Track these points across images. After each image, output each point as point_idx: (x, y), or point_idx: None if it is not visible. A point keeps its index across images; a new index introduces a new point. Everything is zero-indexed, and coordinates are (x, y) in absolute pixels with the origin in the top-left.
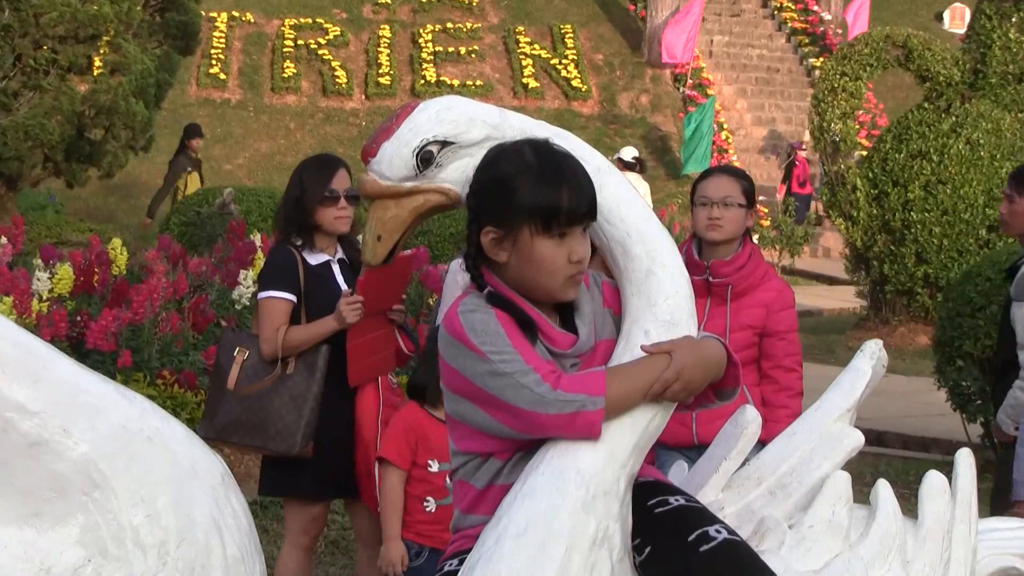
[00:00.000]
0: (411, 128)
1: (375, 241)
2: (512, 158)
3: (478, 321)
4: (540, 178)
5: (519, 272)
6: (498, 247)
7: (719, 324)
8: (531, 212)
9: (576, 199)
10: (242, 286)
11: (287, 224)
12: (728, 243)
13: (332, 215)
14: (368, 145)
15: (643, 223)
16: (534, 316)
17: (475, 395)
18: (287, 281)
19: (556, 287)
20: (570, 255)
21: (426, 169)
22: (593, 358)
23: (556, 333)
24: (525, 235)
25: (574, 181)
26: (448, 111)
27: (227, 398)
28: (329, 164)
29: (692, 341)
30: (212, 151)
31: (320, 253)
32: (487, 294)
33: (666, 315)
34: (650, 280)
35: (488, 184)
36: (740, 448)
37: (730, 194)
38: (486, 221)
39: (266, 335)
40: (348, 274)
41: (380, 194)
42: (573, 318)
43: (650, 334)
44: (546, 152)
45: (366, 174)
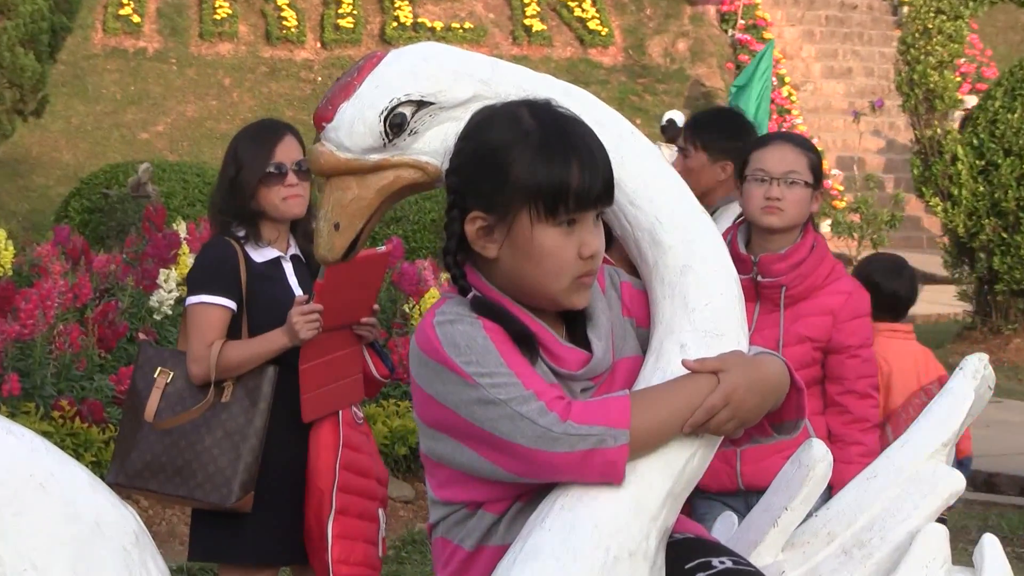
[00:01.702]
0: (377, 84)
1: (331, 231)
2: (505, 123)
3: (461, 334)
4: (542, 149)
5: (514, 271)
6: (487, 238)
7: (770, 336)
8: (531, 193)
9: (589, 177)
10: (163, 290)
11: (223, 210)
12: (786, 232)
13: (279, 195)
14: (322, 107)
15: (678, 205)
16: (533, 327)
17: (459, 429)
18: (224, 283)
19: (561, 290)
20: (580, 249)
21: (397, 137)
22: (612, 381)
23: (562, 349)
24: (523, 223)
25: (586, 153)
26: (425, 62)
27: (144, 434)
28: (271, 130)
29: (744, 358)
30: (123, 115)
31: (267, 247)
32: (471, 299)
33: (708, 323)
34: (687, 278)
35: (475, 156)
36: (805, 495)
37: (794, 168)
38: (473, 205)
39: (195, 352)
40: (304, 274)
41: (338, 170)
42: (584, 330)
43: (688, 348)
44: (549, 116)
45: (320, 145)
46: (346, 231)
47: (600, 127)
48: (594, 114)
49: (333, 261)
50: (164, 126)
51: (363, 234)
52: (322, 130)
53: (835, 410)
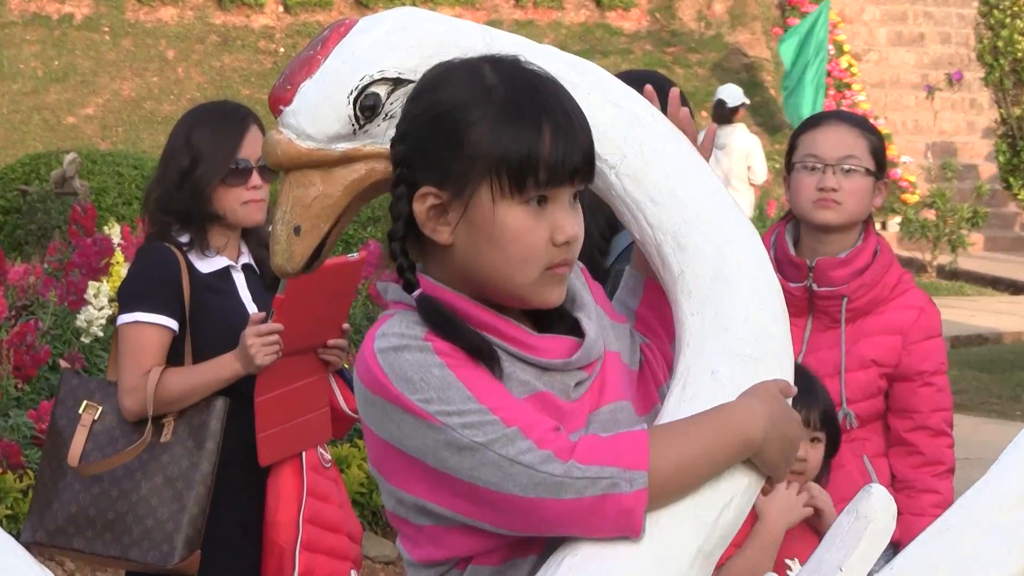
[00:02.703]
0: (346, 59)
1: (290, 236)
2: (463, 80)
3: (411, 365)
4: (507, 109)
5: (472, 259)
6: (439, 219)
7: (828, 359)
8: (493, 162)
9: (564, 145)
10: (92, 307)
11: (165, 209)
12: (844, 230)
13: (238, 198)
14: (279, 87)
15: (709, 201)
16: (494, 321)
17: (429, 481)
18: (164, 298)
19: (530, 283)
20: (554, 233)
21: (369, 122)
22: (603, 380)
23: (539, 339)
24: (483, 199)
25: (561, 116)
26: (404, 32)
27: (67, 482)
28: (235, 117)
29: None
30: (45, 96)
31: (216, 255)
32: (418, 303)
33: (745, 345)
34: (719, 290)
35: (425, 119)
36: (863, 552)
37: (853, 153)
38: (423, 179)
39: (129, 382)
40: (259, 288)
41: (298, 162)
42: (558, 321)
43: (720, 374)
44: (517, 72)
45: (277, 132)
46: (309, 236)
47: (615, 109)
48: (608, 93)
49: (293, 272)
50: (94, 108)
51: (329, 239)
52: (279, 114)
53: (902, 450)
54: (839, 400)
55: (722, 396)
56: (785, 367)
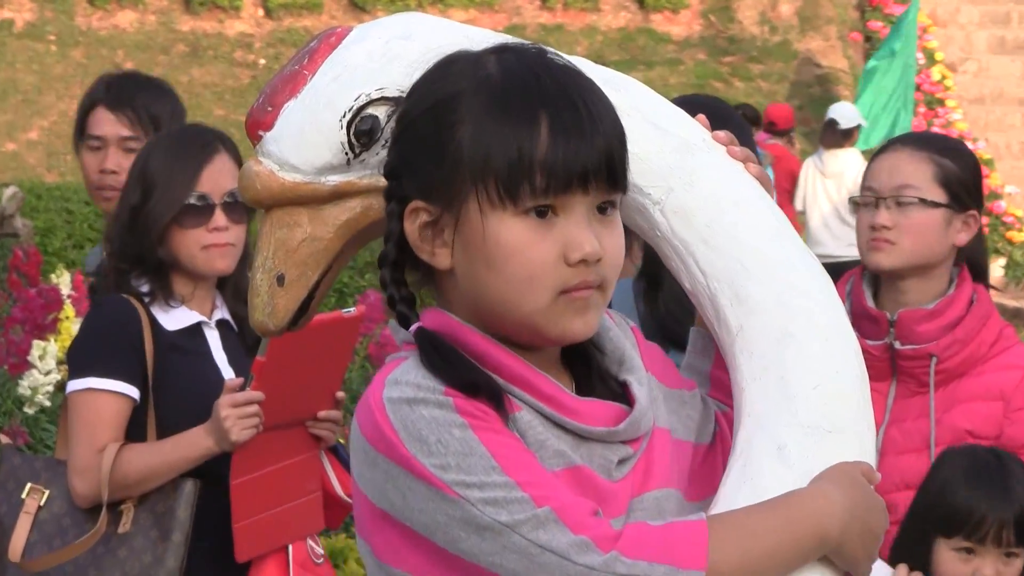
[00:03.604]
0: (337, 74)
1: (272, 287)
2: (460, 71)
3: (427, 422)
4: (497, 100)
5: (473, 287)
6: (434, 239)
7: (915, 430)
8: (476, 164)
9: (567, 141)
10: (37, 371)
11: (121, 254)
12: (925, 276)
13: (197, 241)
14: (258, 108)
15: (772, 243)
16: (521, 370)
17: (434, 563)
18: (122, 361)
19: (540, 309)
20: (566, 249)
21: (366, 150)
22: (649, 459)
23: (578, 401)
24: (471, 212)
25: (564, 107)
26: (405, 41)
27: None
28: (196, 141)
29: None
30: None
31: (184, 309)
32: (418, 339)
33: (817, 415)
34: (787, 351)
35: (413, 118)
36: None
37: (908, 182)
38: (412, 190)
39: (81, 461)
40: (236, 347)
41: (282, 199)
42: (601, 378)
43: (787, 450)
44: (525, 61)
45: (255, 162)
46: (294, 286)
47: (660, 133)
48: (651, 113)
49: (276, 330)
50: (39, 132)
51: (319, 290)
52: (258, 141)
53: None
54: None
55: (789, 477)
56: (866, 442)
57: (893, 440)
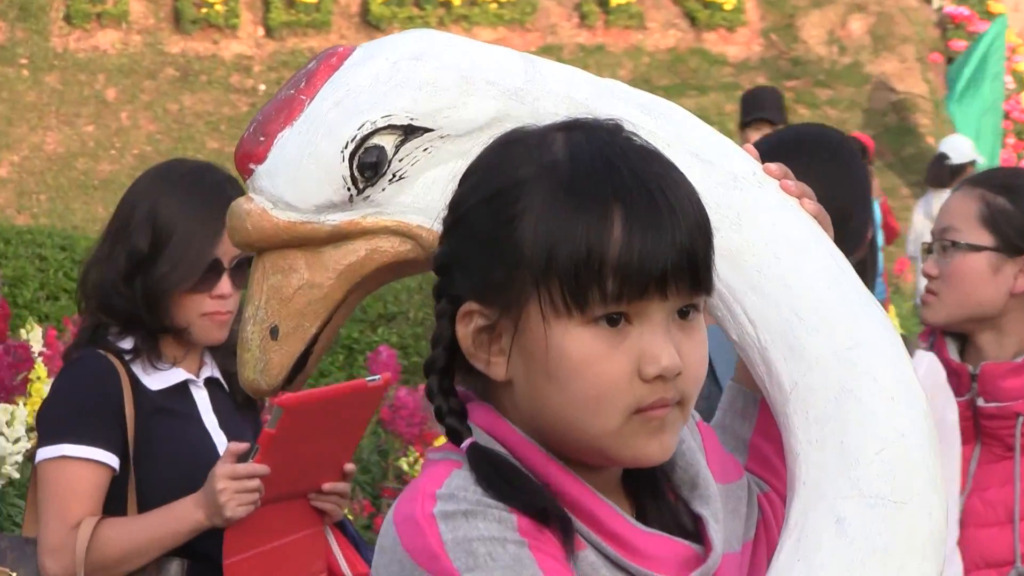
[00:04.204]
0: (339, 99)
1: (265, 340)
2: (526, 152)
3: (480, 535)
4: (565, 191)
5: (532, 402)
6: (490, 346)
7: (998, 500)
8: (539, 265)
9: (643, 239)
10: (4, 437)
11: (106, 308)
12: (995, 329)
13: (199, 308)
14: (249, 138)
15: (831, 291)
16: (582, 498)
17: None
18: (100, 426)
19: (609, 432)
20: (642, 362)
21: (371, 186)
22: None
23: (641, 536)
24: (532, 319)
25: (642, 199)
26: (416, 62)
27: None
28: (216, 195)
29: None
30: None
31: (170, 367)
32: (472, 459)
33: (881, 485)
34: (847, 411)
35: (469, 207)
36: None
37: (951, 223)
38: (465, 290)
39: (53, 539)
40: (227, 410)
41: (275, 240)
42: (667, 497)
43: (848, 523)
44: (597, 144)
45: (247, 199)
46: (290, 340)
47: (704, 166)
48: (695, 144)
49: (269, 390)
50: (8, 168)
51: (319, 345)
52: (249, 175)
53: None
54: (1012, 556)
55: (849, 553)
56: (936, 514)
57: (974, 511)
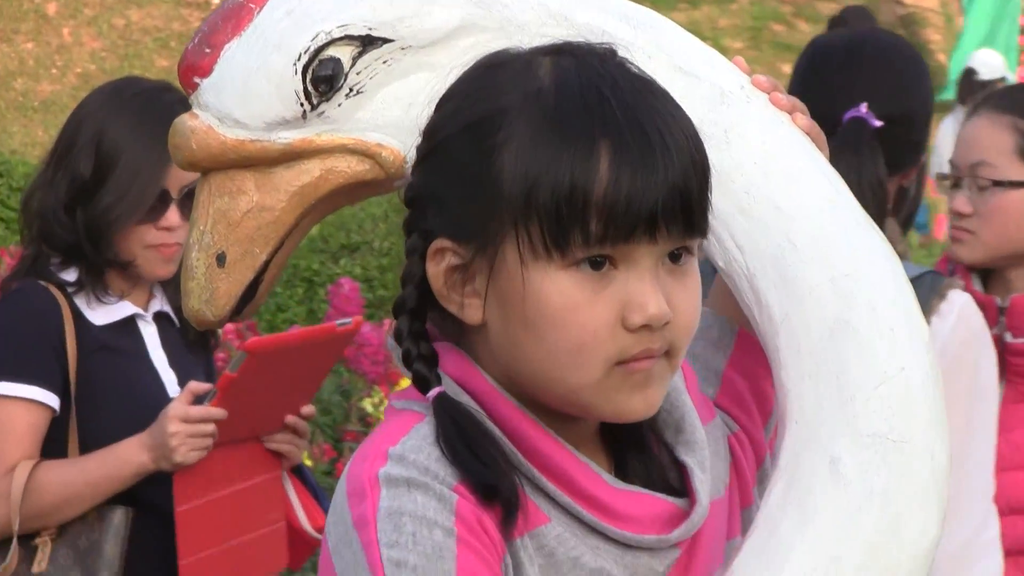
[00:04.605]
0: (291, 8)
1: (212, 267)
2: (510, 78)
3: (412, 511)
4: (549, 123)
5: (508, 351)
6: (463, 287)
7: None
8: (518, 204)
9: (632, 177)
10: None
11: (47, 236)
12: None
13: (143, 239)
14: (194, 50)
15: (827, 214)
16: (555, 455)
17: None
18: (38, 362)
19: (589, 384)
20: (626, 310)
21: (326, 101)
22: (699, 541)
23: (620, 495)
24: (509, 261)
25: (633, 132)
26: None
27: None
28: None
29: None
30: None
31: (116, 300)
32: (437, 413)
33: (879, 422)
34: (843, 345)
35: (445, 136)
36: None
37: (985, 158)
38: (437, 225)
39: None
40: (177, 347)
41: (223, 159)
42: (648, 452)
43: (843, 464)
44: (585, 70)
45: (191, 116)
46: (238, 268)
47: (689, 80)
48: (678, 56)
49: (216, 320)
50: None
51: (269, 273)
52: (194, 89)
53: None
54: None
55: (845, 498)
56: (939, 455)
57: (999, 454)
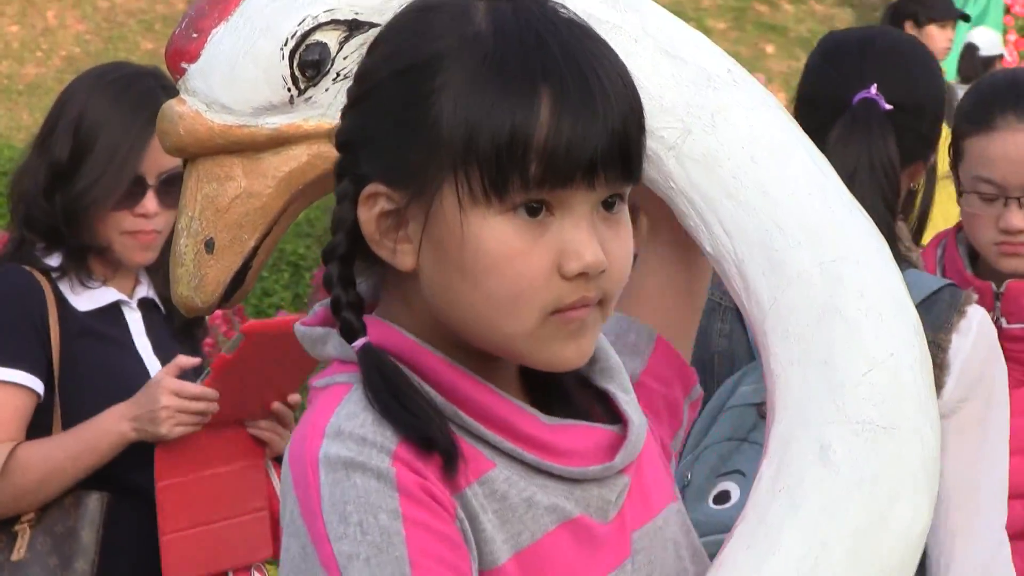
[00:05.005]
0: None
1: (200, 253)
2: (444, 23)
3: (356, 499)
4: (487, 67)
5: (441, 297)
6: (396, 233)
7: (1019, 428)
8: (457, 148)
9: (572, 122)
10: None
11: (28, 221)
12: None
13: (119, 225)
14: (181, 35)
15: (815, 198)
16: (489, 403)
17: None
18: (21, 347)
19: (524, 333)
20: (563, 257)
21: (313, 86)
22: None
23: (555, 430)
24: (447, 206)
25: (571, 78)
26: None
27: None
28: (145, 104)
29: None
30: None
31: (100, 286)
32: (364, 365)
33: (868, 408)
34: (831, 330)
35: (379, 79)
36: None
37: None
38: (370, 169)
39: None
40: (162, 334)
41: (210, 145)
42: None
43: (833, 451)
44: (523, 15)
45: (178, 101)
46: (226, 253)
47: (675, 63)
48: (664, 39)
49: (204, 307)
50: None
51: (257, 258)
52: (182, 75)
53: None
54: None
55: (837, 485)
56: (928, 441)
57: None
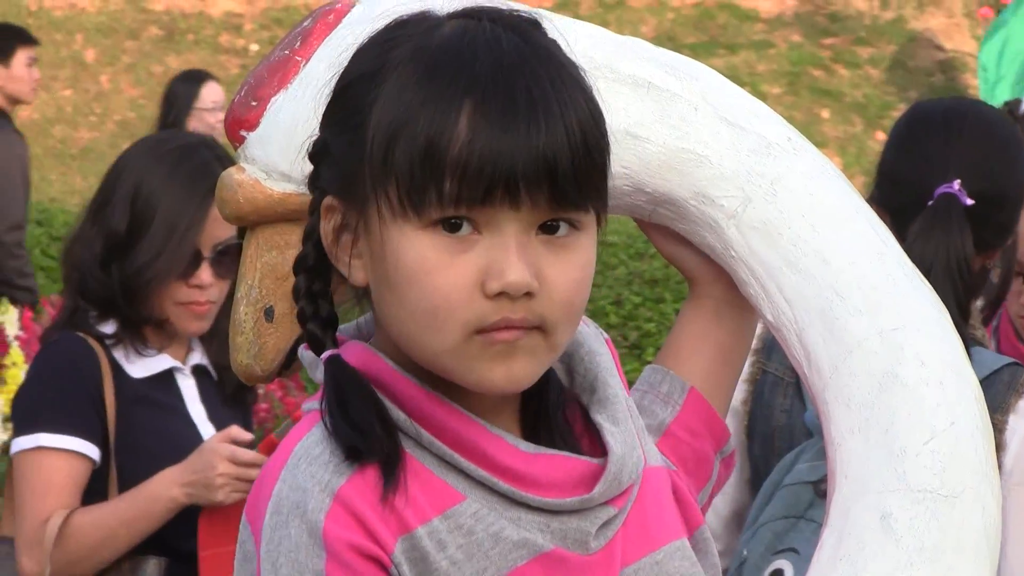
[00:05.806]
0: (335, 62)
1: (260, 322)
2: (403, 37)
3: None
4: (415, 80)
5: (381, 315)
6: (352, 246)
7: None
8: (379, 158)
9: (499, 135)
10: None
11: (86, 293)
12: None
13: (173, 296)
14: (240, 103)
15: (875, 266)
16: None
17: None
18: (78, 414)
19: (446, 350)
20: (485, 275)
21: None
22: (646, 506)
23: (533, 459)
24: (372, 220)
25: (502, 89)
26: None
27: None
28: (202, 176)
29: None
30: None
31: (155, 353)
32: (326, 376)
33: (930, 477)
34: (893, 398)
35: (340, 92)
36: None
37: None
38: (327, 181)
39: (29, 535)
40: (214, 402)
41: (269, 214)
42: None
43: (894, 519)
44: (475, 35)
45: (238, 169)
46: (286, 322)
47: (734, 131)
48: (723, 107)
49: (264, 375)
50: None
51: None
52: (241, 143)
53: None
54: None
55: (897, 553)
56: (990, 509)
57: None
